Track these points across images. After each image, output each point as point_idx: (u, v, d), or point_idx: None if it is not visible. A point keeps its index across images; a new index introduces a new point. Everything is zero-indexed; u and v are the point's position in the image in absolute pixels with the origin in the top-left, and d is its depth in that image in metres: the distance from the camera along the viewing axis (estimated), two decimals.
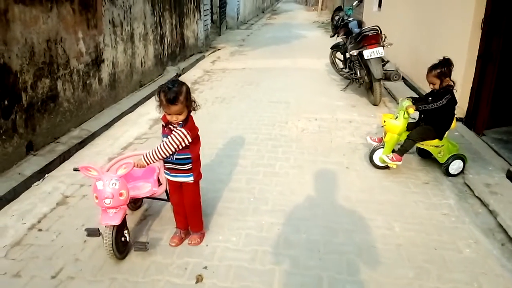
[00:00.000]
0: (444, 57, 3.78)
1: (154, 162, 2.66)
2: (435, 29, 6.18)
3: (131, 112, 6.06)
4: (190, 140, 2.59)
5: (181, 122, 2.58)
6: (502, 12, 4.66)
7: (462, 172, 4.02)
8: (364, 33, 6.09)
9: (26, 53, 4.10)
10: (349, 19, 7.16)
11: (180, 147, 2.60)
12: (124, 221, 2.75)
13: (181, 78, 8.28)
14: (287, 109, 6.09)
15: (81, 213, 3.36)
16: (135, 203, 3.34)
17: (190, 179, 2.76)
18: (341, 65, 7.72)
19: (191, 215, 2.91)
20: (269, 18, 23.48)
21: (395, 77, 6.12)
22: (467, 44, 5.09)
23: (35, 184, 3.85)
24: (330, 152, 4.55)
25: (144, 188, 3.03)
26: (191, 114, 2.67)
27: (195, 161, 2.73)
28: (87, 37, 5.29)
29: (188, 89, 2.59)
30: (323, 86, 7.50)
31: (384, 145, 4.00)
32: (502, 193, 3.58)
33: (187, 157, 2.68)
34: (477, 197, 3.63)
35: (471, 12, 4.99)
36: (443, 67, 3.74)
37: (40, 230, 3.16)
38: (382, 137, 4.16)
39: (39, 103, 4.34)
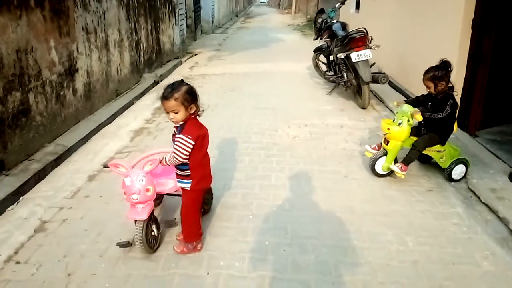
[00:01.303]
0: (442, 60, 3.63)
1: None
2: (422, 30, 6.09)
3: (109, 123, 5.69)
4: (193, 143, 2.56)
5: (179, 125, 2.60)
6: (493, 11, 4.58)
7: (464, 177, 3.89)
8: (351, 36, 5.93)
9: None
10: (333, 22, 7.00)
11: (187, 153, 2.57)
12: (152, 216, 2.83)
13: (159, 86, 7.94)
14: (275, 115, 5.86)
15: (62, 241, 3.01)
16: (157, 199, 3.25)
17: (187, 185, 2.72)
18: (324, 68, 7.56)
19: (183, 223, 2.81)
20: (244, 22, 23.30)
21: (383, 79, 5.98)
22: (457, 44, 4.99)
23: (9, 208, 3.47)
24: (326, 160, 4.34)
25: (168, 185, 3.03)
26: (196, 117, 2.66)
27: (194, 168, 2.67)
28: (59, 45, 4.91)
29: (189, 90, 2.58)
30: (308, 90, 7.31)
31: (385, 153, 3.82)
32: (509, 198, 3.44)
33: (185, 163, 2.65)
34: (484, 203, 3.49)
35: (461, 12, 4.90)
36: (437, 70, 3.60)
37: (18, 262, 2.80)
38: (380, 144, 3.98)
39: (9, 118, 3.95)
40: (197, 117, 2.69)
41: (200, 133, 2.61)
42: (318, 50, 7.53)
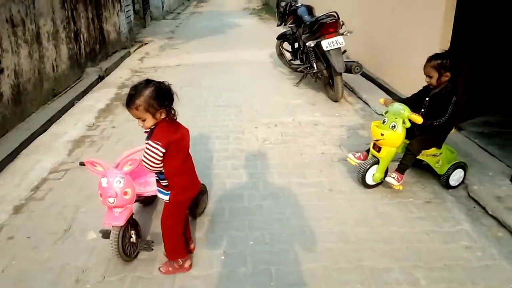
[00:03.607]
0: (445, 50, 3.09)
1: None
2: (398, 12, 5.52)
3: (44, 131, 4.78)
4: (163, 150, 2.20)
5: (148, 131, 2.28)
6: None
7: (462, 182, 3.40)
8: (321, 21, 5.29)
9: None
10: (297, 5, 6.34)
11: (157, 161, 2.22)
12: (131, 221, 2.57)
13: (105, 81, 7.01)
14: (240, 114, 5.16)
15: None
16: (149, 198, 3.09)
17: (166, 198, 2.37)
18: (289, 56, 6.91)
19: (164, 238, 2.46)
20: (196, 6, 22.13)
21: (357, 69, 5.41)
22: (440, 27, 4.47)
23: None
24: (304, 169, 3.73)
25: (152, 185, 2.75)
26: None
27: (171, 177, 2.31)
28: None
29: (155, 93, 2.17)
30: (273, 81, 6.64)
31: (375, 161, 3.25)
32: None
33: (161, 172, 2.31)
34: (491, 215, 3.01)
35: None
36: (445, 58, 3.06)
37: None
38: (366, 153, 3.41)
39: None
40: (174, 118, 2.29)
41: (172, 138, 2.24)
42: (282, 37, 6.86)
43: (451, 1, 4.28)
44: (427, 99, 3.21)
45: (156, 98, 2.16)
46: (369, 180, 3.29)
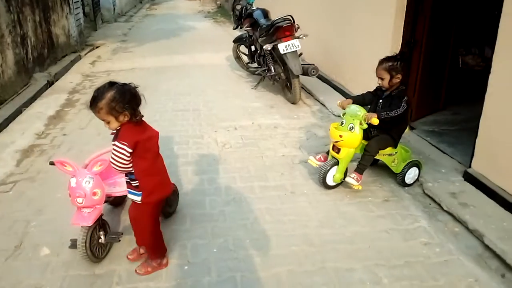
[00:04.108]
0: (398, 53, 3.19)
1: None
2: (351, 14, 5.65)
3: None
4: (129, 150, 2.19)
5: (114, 132, 2.27)
6: None
7: (417, 179, 3.52)
8: (277, 24, 5.32)
9: None
10: (253, 8, 6.34)
11: (124, 161, 2.22)
12: (100, 222, 2.55)
13: (55, 87, 6.69)
14: (199, 118, 5.08)
15: None
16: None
17: (138, 198, 2.35)
18: (247, 59, 6.91)
19: (145, 241, 2.46)
20: (149, 9, 21.65)
21: (313, 71, 5.49)
22: (391, 29, 4.61)
23: None
24: (266, 172, 3.72)
25: (122, 185, 2.70)
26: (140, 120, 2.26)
27: (141, 178, 2.30)
28: None
29: (117, 96, 2.14)
30: (231, 85, 6.60)
31: (335, 162, 3.29)
32: (474, 204, 3.11)
33: (132, 173, 2.31)
34: (445, 211, 3.13)
35: None
36: (397, 61, 3.14)
37: None
38: (327, 154, 3.46)
39: None
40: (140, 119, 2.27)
41: (138, 138, 2.22)
42: (238, 40, 6.84)
43: (401, 6, 4.43)
44: (380, 101, 3.29)
45: (119, 100, 2.13)
46: (330, 181, 3.33)
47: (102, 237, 2.55)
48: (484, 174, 3.32)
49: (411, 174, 3.47)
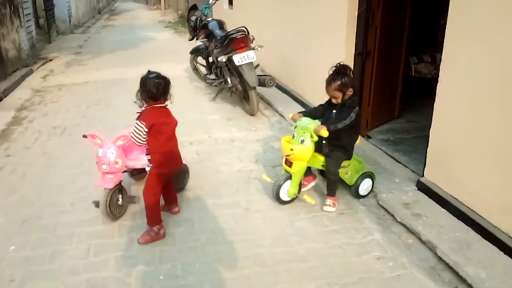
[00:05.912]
0: (338, 64, 3.14)
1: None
2: (306, 26, 5.65)
3: None
4: (146, 129, 2.75)
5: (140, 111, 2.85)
6: (376, 4, 4.30)
7: (372, 190, 3.51)
8: (231, 36, 5.25)
9: None
10: (208, 19, 6.26)
11: (141, 137, 2.78)
12: (119, 186, 3.10)
13: (2, 104, 6.35)
14: None
15: None
16: (139, 173, 3.60)
17: (148, 168, 2.89)
18: (204, 70, 6.80)
19: (145, 205, 2.90)
20: (108, 20, 21.18)
21: (270, 82, 5.45)
22: (343, 40, 4.64)
23: None
24: (220, 188, 3.61)
25: (140, 160, 3.19)
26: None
27: (152, 153, 2.85)
28: None
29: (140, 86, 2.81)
30: (189, 97, 6.45)
31: (288, 176, 3.22)
32: (426, 215, 3.11)
33: (146, 148, 2.89)
34: (399, 222, 3.12)
35: (345, 6, 4.53)
36: (344, 77, 3.09)
37: None
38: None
39: None
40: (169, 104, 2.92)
41: (155, 121, 2.77)
42: (195, 52, 6.73)
43: (352, 18, 4.46)
44: (334, 111, 3.24)
45: (143, 87, 2.80)
46: (284, 196, 3.26)
47: (120, 199, 3.10)
48: (436, 183, 3.33)
49: (365, 186, 3.45)
